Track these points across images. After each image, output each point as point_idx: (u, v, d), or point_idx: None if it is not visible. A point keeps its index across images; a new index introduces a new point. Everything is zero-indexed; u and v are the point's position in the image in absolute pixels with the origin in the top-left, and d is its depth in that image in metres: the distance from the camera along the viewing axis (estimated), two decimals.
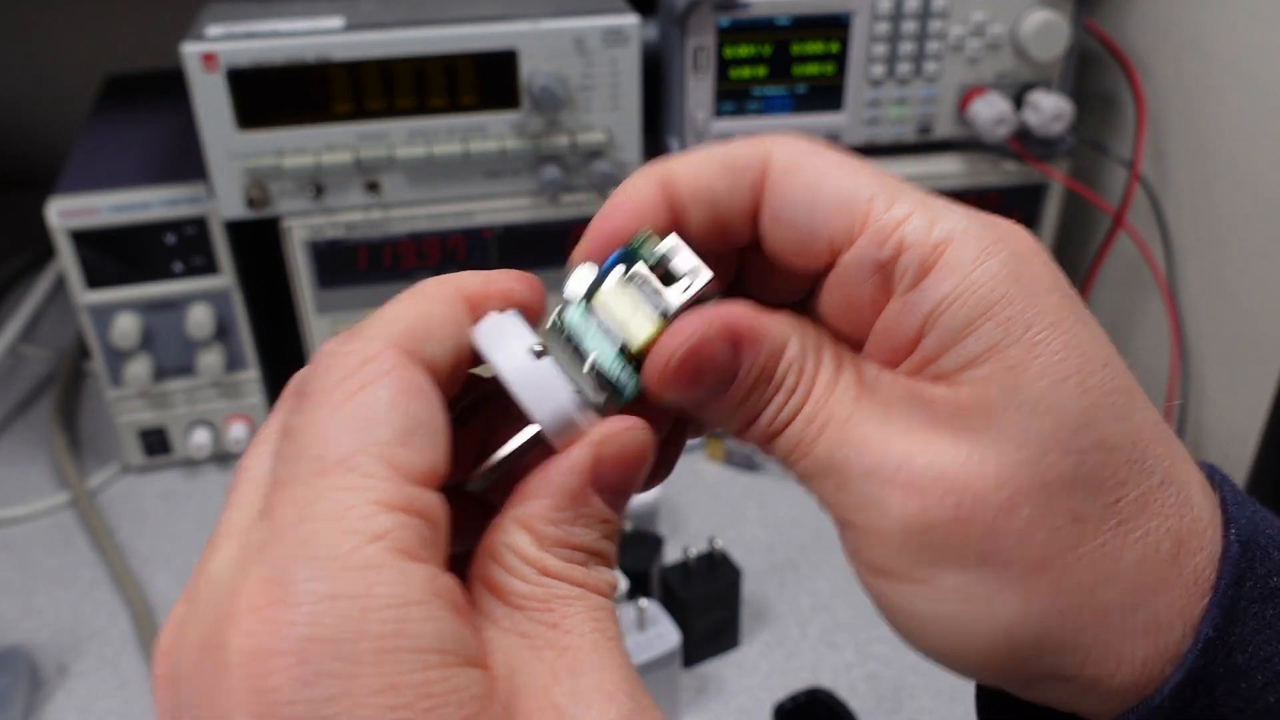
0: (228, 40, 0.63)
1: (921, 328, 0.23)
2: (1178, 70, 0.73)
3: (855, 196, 0.24)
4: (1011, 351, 0.22)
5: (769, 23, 0.69)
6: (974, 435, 0.23)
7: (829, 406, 0.24)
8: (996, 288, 0.23)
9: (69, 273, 0.69)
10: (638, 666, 0.54)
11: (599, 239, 0.26)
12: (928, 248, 0.23)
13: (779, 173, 0.25)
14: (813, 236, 0.25)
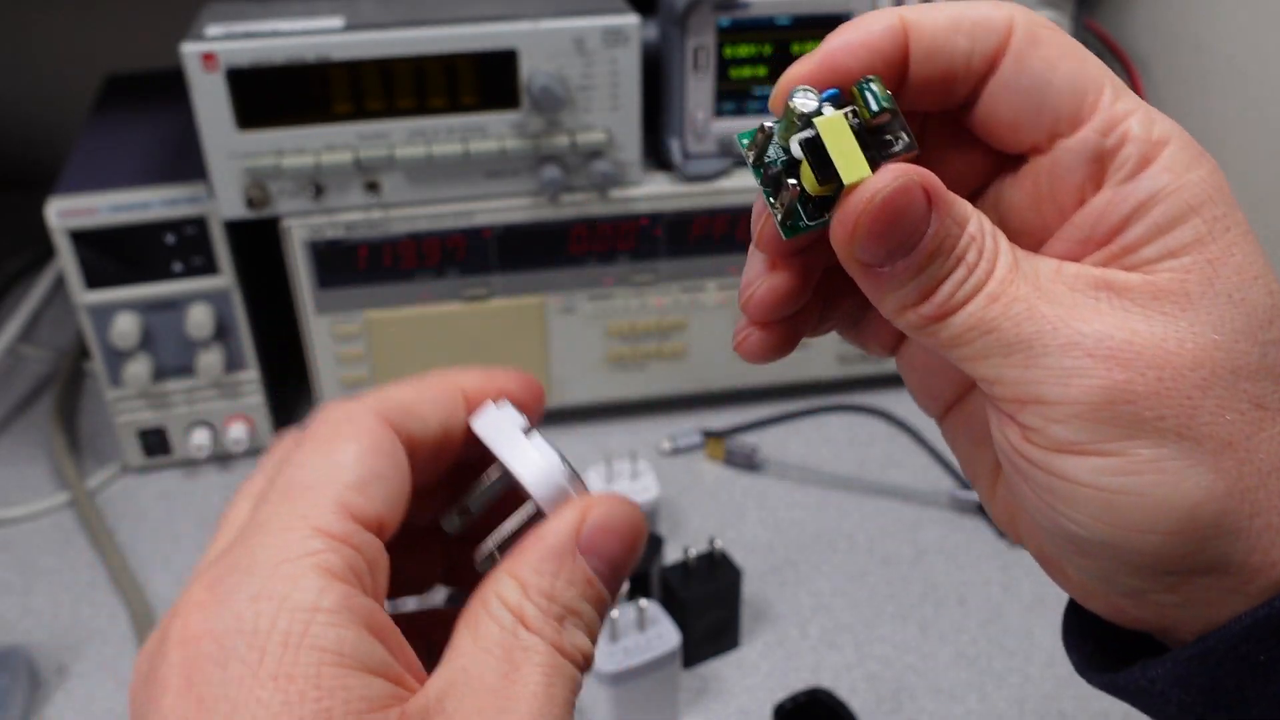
0: (228, 40, 0.63)
1: (1130, 216, 0.25)
2: (1178, 70, 0.73)
3: (1088, 81, 0.25)
4: (1213, 246, 0.24)
5: (769, 22, 0.69)
6: (1169, 319, 0.24)
7: (1015, 285, 0.24)
8: (1205, 190, 0.24)
9: (68, 273, 0.69)
10: (638, 666, 0.55)
11: (824, 65, 0.26)
12: (1149, 143, 0.25)
13: (1022, 42, 0.25)
14: (1040, 112, 0.25)
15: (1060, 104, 0.25)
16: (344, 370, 0.75)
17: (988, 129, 0.27)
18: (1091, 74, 0.25)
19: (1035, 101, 0.25)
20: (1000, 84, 0.26)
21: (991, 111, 0.26)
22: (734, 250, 0.75)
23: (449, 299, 0.74)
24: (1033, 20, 0.26)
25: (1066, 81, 0.25)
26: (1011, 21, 0.26)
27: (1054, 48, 0.25)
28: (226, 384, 0.75)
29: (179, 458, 0.77)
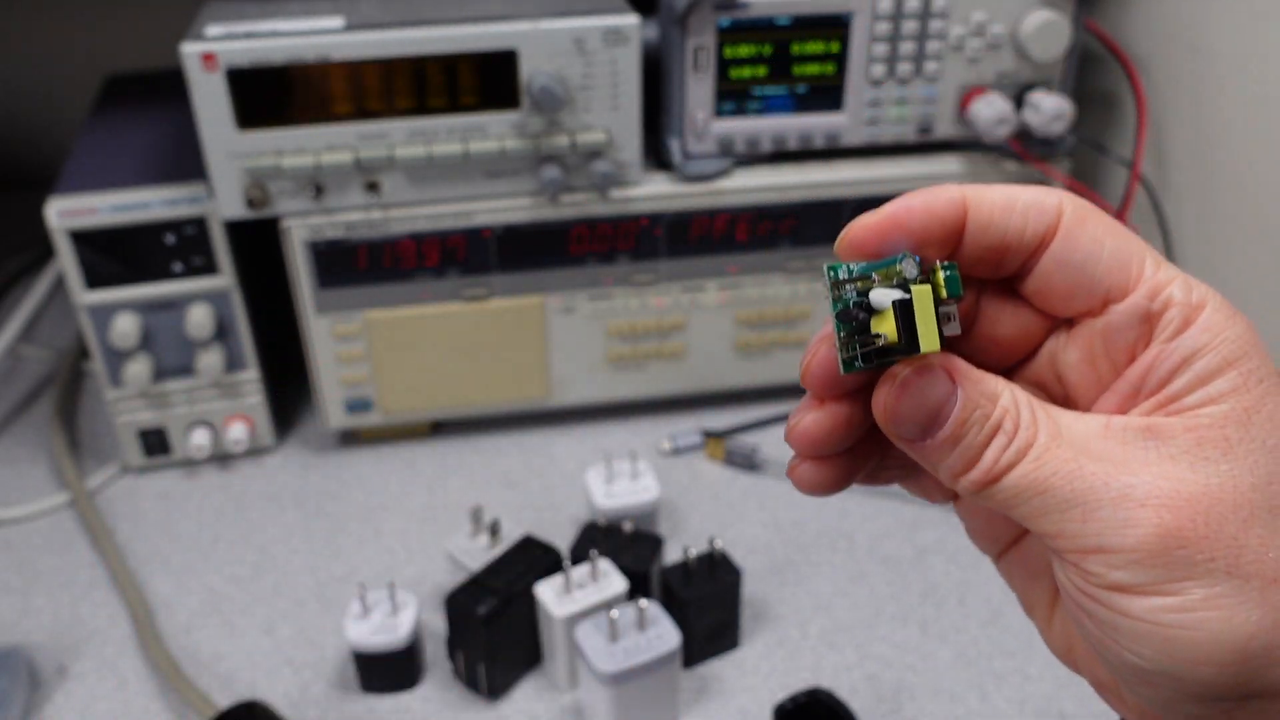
0: (227, 40, 0.63)
1: (1175, 369, 0.27)
2: (1178, 70, 0.72)
3: (1133, 255, 0.28)
4: (1247, 396, 0.27)
5: (769, 23, 0.69)
6: (1211, 464, 0.26)
7: (1059, 448, 0.27)
8: (1242, 345, 0.27)
9: (68, 273, 0.69)
10: (638, 666, 0.55)
11: (891, 222, 0.29)
12: (1190, 306, 0.28)
13: (1072, 221, 0.29)
14: (1092, 283, 0.29)
15: (1110, 276, 0.28)
16: (344, 370, 0.75)
17: (1042, 297, 0.30)
18: (1135, 248, 0.29)
19: (1087, 274, 0.29)
20: (1053, 259, 0.29)
21: (1046, 283, 0.29)
22: (734, 250, 0.75)
23: (449, 299, 0.74)
24: (1081, 203, 0.29)
25: (1114, 256, 0.28)
26: (1062, 204, 0.29)
27: (1100, 227, 0.29)
28: (226, 384, 0.75)
29: (179, 458, 0.77)
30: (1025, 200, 0.29)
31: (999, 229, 0.29)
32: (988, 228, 0.29)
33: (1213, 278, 0.71)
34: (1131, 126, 0.77)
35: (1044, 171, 0.75)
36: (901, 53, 0.71)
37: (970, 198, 0.29)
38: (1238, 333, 0.27)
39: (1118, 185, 0.78)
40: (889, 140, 0.74)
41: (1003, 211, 0.29)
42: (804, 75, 0.71)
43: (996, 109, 0.71)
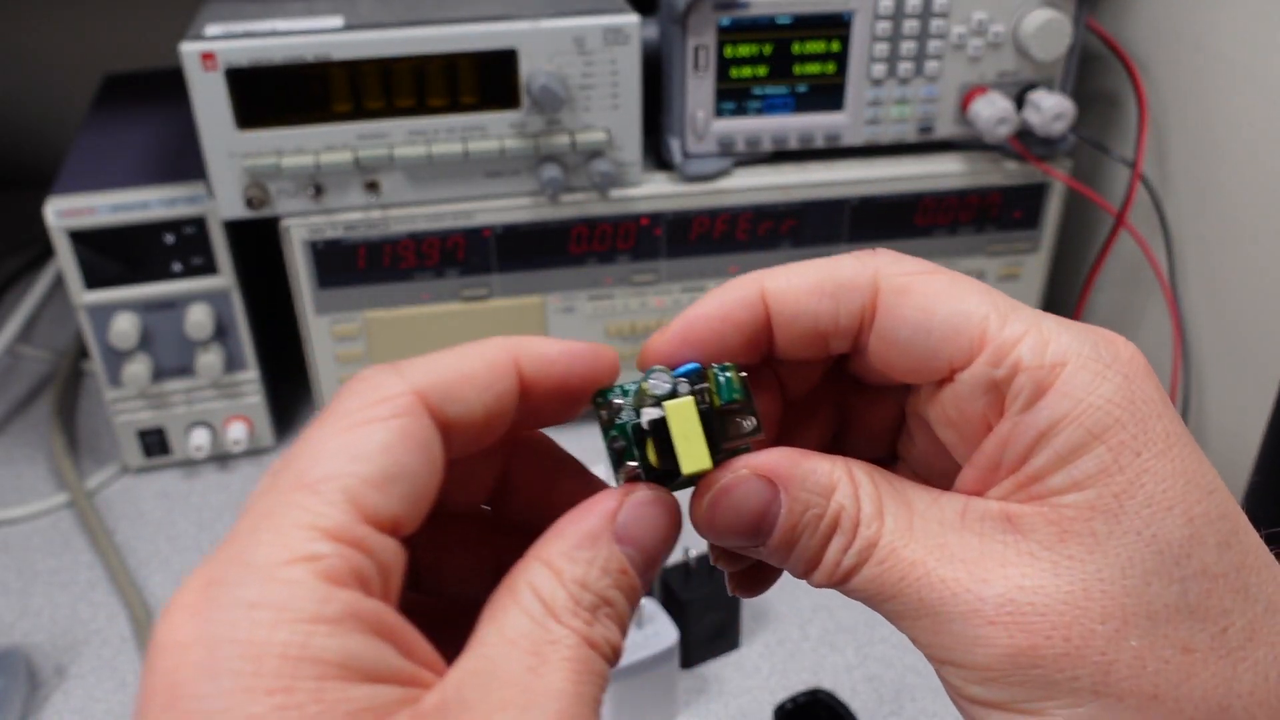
0: (227, 40, 0.63)
1: (1032, 447, 0.24)
2: (1179, 70, 0.72)
3: (969, 316, 0.25)
4: (1119, 478, 0.23)
5: (769, 22, 0.69)
6: (1075, 563, 0.23)
7: (908, 546, 0.24)
8: (1110, 412, 0.23)
9: (67, 273, 0.69)
10: (635, 664, 0.54)
11: (682, 338, 0.27)
12: (1044, 369, 0.24)
13: (890, 295, 0.26)
14: (930, 357, 0.25)
15: (946, 344, 0.25)
16: (344, 370, 0.75)
17: (882, 372, 0.27)
18: (971, 308, 0.25)
19: (918, 347, 0.25)
20: (880, 337, 0.26)
21: (880, 358, 0.26)
22: (734, 250, 0.75)
23: (449, 299, 0.74)
24: (899, 270, 0.26)
25: (946, 324, 0.25)
26: (876, 278, 0.26)
27: (926, 294, 0.25)
28: (226, 384, 0.75)
29: (178, 458, 0.77)
30: (836, 282, 0.26)
31: (809, 318, 0.26)
32: (796, 318, 0.26)
33: (1212, 278, 0.71)
34: (1133, 126, 0.77)
35: (1045, 171, 0.75)
36: (902, 52, 0.71)
37: (771, 292, 0.26)
38: (1107, 394, 0.23)
39: (1119, 185, 0.78)
40: (890, 140, 0.74)
41: (810, 298, 0.26)
42: (804, 75, 0.71)
43: (997, 108, 0.71)
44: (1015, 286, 0.80)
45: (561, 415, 0.27)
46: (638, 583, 0.25)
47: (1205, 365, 0.73)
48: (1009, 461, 0.24)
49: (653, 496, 0.25)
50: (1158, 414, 0.24)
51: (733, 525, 0.25)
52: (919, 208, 0.76)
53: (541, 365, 0.26)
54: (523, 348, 0.26)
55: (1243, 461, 0.67)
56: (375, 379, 0.24)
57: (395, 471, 0.23)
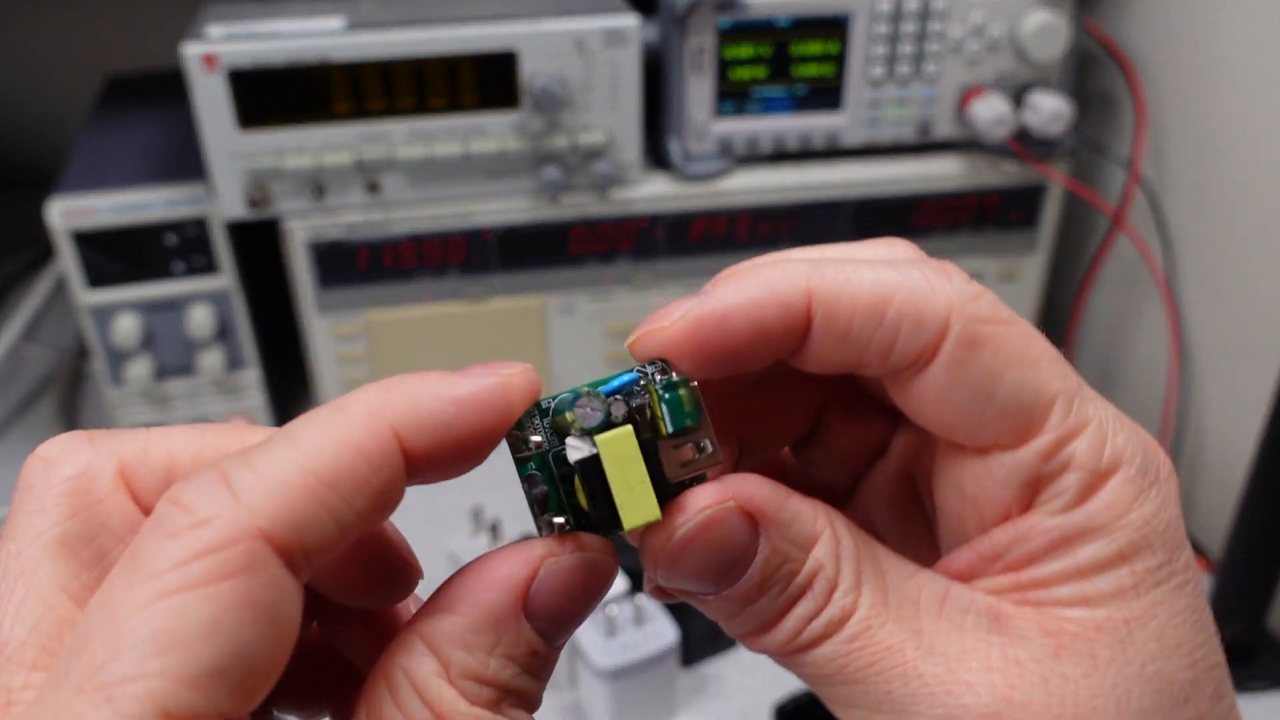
0: (228, 41, 0.63)
1: (1050, 550, 0.21)
2: (1177, 71, 0.73)
3: (1037, 394, 0.21)
4: (1134, 604, 0.21)
5: (769, 23, 0.69)
6: (1069, 684, 0.20)
7: (884, 627, 0.21)
8: (1147, 535, 0.21)
9: (69, 273, 0.69)
10: (635, 662, 0.55)
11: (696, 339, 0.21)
12: (1094, 474, 0.21)
13: (959, 346, 0.21)
14: (976, 425, 0.21)
15: (999, 422, 0.21)
16: (344, 370, 0.75)
17: (912, 414, 0.22)
18: (1041, 384, 0.21)
19: (971, 416, 0.21)
20: (929, 388, 0.21)
21: (917, 405, 0.22)
22: (734, 251, 0.75)
23: (449, 299, 0.74)
24: (976, 313, 0.21)
25: (1010, 396, 0.21)
26: (950, 318, 0.21)
27: (998, 355, 0.21)
28: (227, 384, 0.76)
29: None
30: (898, 307, 0.21)
31: (857, 343, 0.21)
32: (843, 340, 0.21)
33: (1210, 278, 0.71)
34: (1130, 127, 0.77)
35: (1043, 172, 0.75)
36: (901, 53, 0.71)
37: (820, 299, 0.21)
38: (1146, 515, 0.21)
39: (1116, 185, 0.78)
40: (888, 141, 0.74)
41: (868, 321, 0.21)
42: (804, 76, 0.71)
43: (996, 109, 0.71)
44: (1013, 287, 0.80)
45: (464, 468, 0.21)
46: (552, 653, 0.21)
47: (1203, 366, 0.73)
48: (1016, 558, 0.21)
49: (580, 561, 0.20)
50: (1181, 543, 0.21)
51: (701, 568, 0.21)
52: (917, 208, 0.76)
53: (429, 432, 0.20)
54: (399, 415, 0.19)
55: (1240, 462, 0.67)
56: (197, 504, 0.18)
57: (223, 661, 0.17)
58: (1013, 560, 0.21)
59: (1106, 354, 0.84)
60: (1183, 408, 0.74)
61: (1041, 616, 0.21)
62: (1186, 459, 0.75)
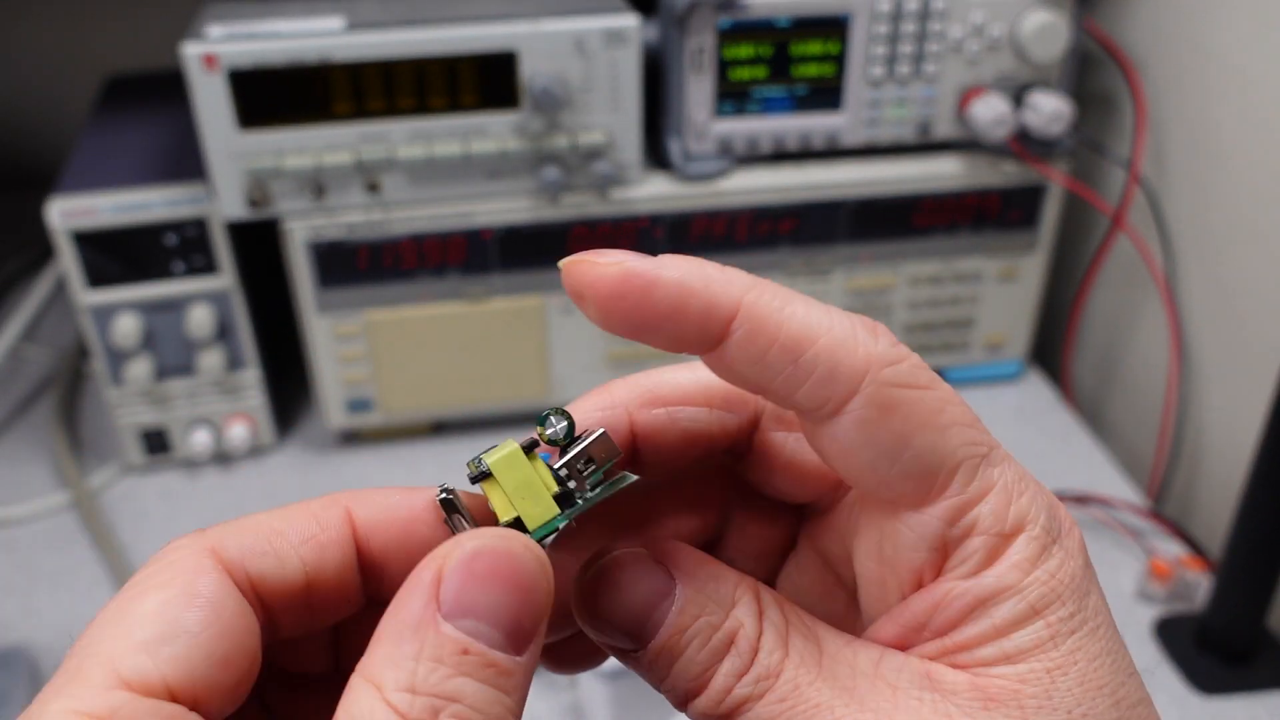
0: (228, 41, 0.63)
1: (967, 614, 0.22)
2: (1177, 71, 0.73)
3: (943, 460, 0.22)
4: (1054, 654, 0.22)
5: (769, 23, 0.69)
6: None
7: (813, 686, 0.21)
8: (1053, 588, 0.22)
9: (69, 273, 0.69)
10: None
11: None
12: (999, 537, 0.22)
13: (873, 406, 0.21)
14: (880, 485, 0.22)
15: (903, 484, 0.22)
16: (344, 370, 0.75)
17: (821, 456, 0.23)
18: (950, 449, 0.22)
19: (876, 473, 0.22)
20: (836, 440, 0.22)
21: (824, 450, 0.23)
22: (734, 250, 0.75)
23: (449, 299, 0.74)
24: (894, 379, 0.21)
25: (916, 460, 0.22)
26: (864, 375, 0.21)
27: (910, 419, 0.21)
28: (227, 384, 0.76)
29: (179, 458, 0.77)
30: (817, 351, 0.21)
31: (768, 370, 0.22)
32: (756, 363, 0.22)
33: (1210, 278, 0.71)
34: (1130, 127, 0.77)
35: (1043, 172, 0.75)
36: (901, 53, 0.71)
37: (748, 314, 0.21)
38: (1051, 569, 0.22)
39: (1117, 186, 0.78)
40: (888, 141, 0.74)
41: (783, 352, 0.21)
42: (803, 76, 0.71)
43: (995, 110, 0.71)
44: (1013, 287, 0.80)
45: None
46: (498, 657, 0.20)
47: (1203, 366, 0.73)
48: (938, 624, 0.22)
49: (479, 547, 0.20)
50: (1089, 590, 0.23)
51: (613, 613, 0.22)
52: (917, 208, 0.76)
53: (379, 514, 0.23)
54: (355, 497, 0.23)
55: (1241, 462, 0.67)
56: (171, 544, 0.22)
57: (169, 632, 0.20)
58: (936, 627, 0.22)
59: (1106, 354, 0.84)
60: (1183, 408, 0.74)
61: (970, 676, 0.22)
62: (1186, 459, 0.75)
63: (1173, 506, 0.76)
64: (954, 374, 0.84)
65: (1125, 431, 0.82)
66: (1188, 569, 0.65)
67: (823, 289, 0.78)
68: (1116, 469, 0.76)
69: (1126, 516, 0.71)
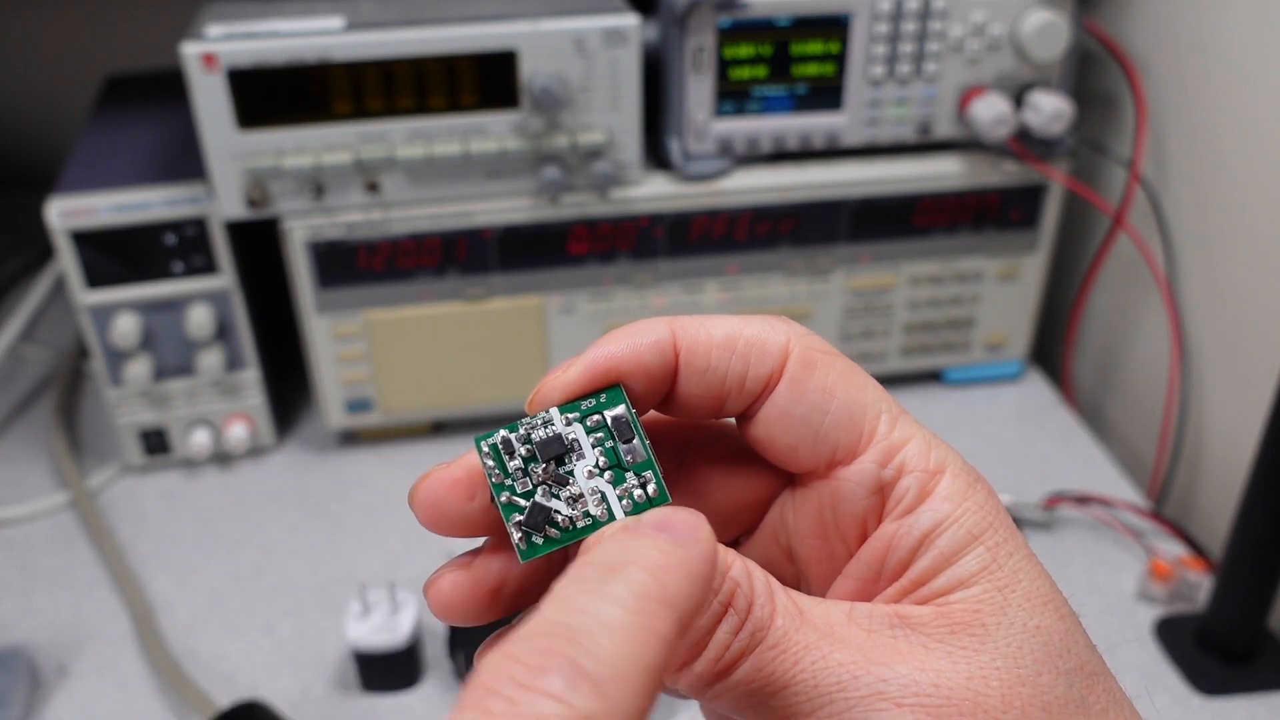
0: (228, 40, 0.63)
1: (915, 549, 0.24)
2: (1178, 70, 0.73)
3: (865, 409, 0.25)
4: (999, 574, 0.24)
5: (769, 23, 0.69)
6: (970, 654, 0.23)
7: (801, 631, 0.23)
8: (985, 516, 0.24)
9: (69, 273, 0.69)
10: None
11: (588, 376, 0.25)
12: (927, 473, 0.24)
13: (798, 366, 0.25)
14: (816, 439, 0.25)
15: (836, 432, 0.25)
16: (344, 370, 0.75)
17: (764, 447, 0.26)
18: (869, 401, 0.25)
19: (811, 427, 0.25)
20: (775, 408, 0.25)
21: (767, 433, 0.25)
22: (734, 251, 0.75)
23: (449, 299, 0.74)
24: (810, 344, 0.25)
25: (843, 410, 0.25)
26: (788, 345, 0.25)
27: (830, 373, 0.25)
28: (227, 384, 0.75)
29: (179, 458, 0.77)
30: (746, 339, 0.25)
31: (719, 373, 0.25)
32: (704, 372, 0.25)
33: (1211, 278, 0.71)
34: (1131, 127, 0.77)
35: (1043, 172, 0.75)
36: (901, 53, 0.71)
37: (683, 340, 0.25)
38: (978, 501, 0.24)
39: (1117, 185, 0.78)
40: (888, 140, 0.74)
41: (723, 352, 0.25)
42: (804, 75, 0.71)
43: (996, 109, 0.71)
44: (1014, 287, 0.80)
45: None
46: None
47: (1204, 365, 0.73)
48: (891, 567, 0.24)
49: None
50: (1012, 525, 0.25)
51: None
52: (918, 208, 0.76)
53: None
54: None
55: (1241, 462, 0.67)
56: None
57: None
58: (890, 571, 0.24)
59: (1106, 354, 0.84)
60: (1183, 408, 0.74)
61: (933, 607, 0.24)
62: (1186, 459, 0.75)
63: (1173, 507, 0.76)
64: (954, 374, 0.84)
65: (1126, 431, 0.82)
66: (1188, 569, 0.65)
67: (823, 289, 0.78)
68: (1117, 469, 0.76)
69: (1127, 517, 0.71)
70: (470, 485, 0.25)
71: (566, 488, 0.24)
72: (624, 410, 0.24)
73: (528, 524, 0.24)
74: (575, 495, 0.24)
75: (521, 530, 0.24)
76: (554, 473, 0.24)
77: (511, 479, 0.24)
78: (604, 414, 0.24)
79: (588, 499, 0.24)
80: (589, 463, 0.24)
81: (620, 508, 0.24)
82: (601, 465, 0.24)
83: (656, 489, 0.24)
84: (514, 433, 0.24)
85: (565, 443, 0.24)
